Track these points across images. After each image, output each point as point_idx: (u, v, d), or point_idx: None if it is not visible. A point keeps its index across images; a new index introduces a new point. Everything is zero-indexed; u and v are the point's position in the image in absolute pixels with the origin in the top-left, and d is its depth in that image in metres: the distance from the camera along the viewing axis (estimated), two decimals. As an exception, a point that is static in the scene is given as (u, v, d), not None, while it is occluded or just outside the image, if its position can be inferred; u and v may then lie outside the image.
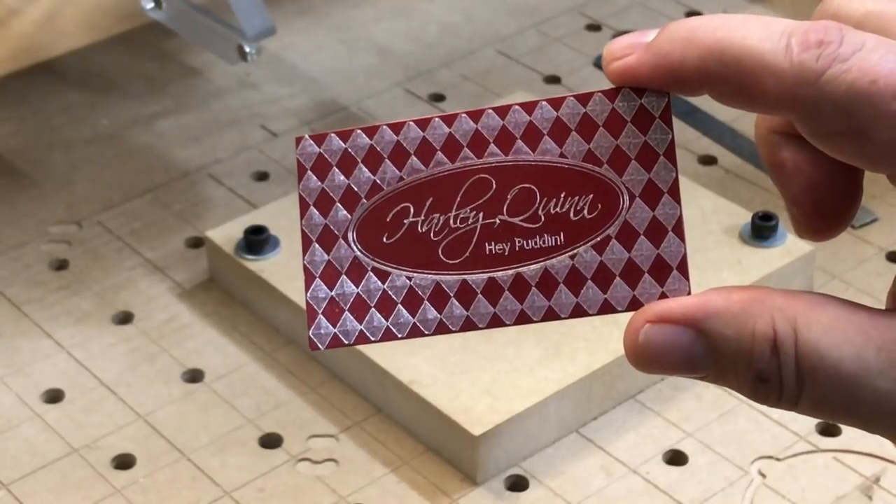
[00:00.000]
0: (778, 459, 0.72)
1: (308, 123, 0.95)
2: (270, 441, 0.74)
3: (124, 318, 0.81)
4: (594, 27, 1.05)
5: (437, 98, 0.98)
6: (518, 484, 0.71)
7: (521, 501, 0.70)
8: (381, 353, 0.74)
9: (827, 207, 0.40)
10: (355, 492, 0.71)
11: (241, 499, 0.70)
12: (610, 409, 0.74)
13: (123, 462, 0.72)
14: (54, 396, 0.76)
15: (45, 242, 0.87)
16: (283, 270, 0.79)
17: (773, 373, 0.36)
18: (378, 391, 0.74)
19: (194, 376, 0.77)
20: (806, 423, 0.73)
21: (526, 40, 1.04)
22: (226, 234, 0.81)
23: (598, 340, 0.74)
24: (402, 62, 1.02)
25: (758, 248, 0.79)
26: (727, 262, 0.78)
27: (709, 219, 0.81)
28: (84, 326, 0.80)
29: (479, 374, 0.72)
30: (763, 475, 0.71)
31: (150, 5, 0.94)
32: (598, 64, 1.01)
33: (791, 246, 0.80)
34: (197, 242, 0.86)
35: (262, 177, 0.91)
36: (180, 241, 0.86)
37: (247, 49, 0.88)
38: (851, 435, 0.72)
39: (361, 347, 0.74)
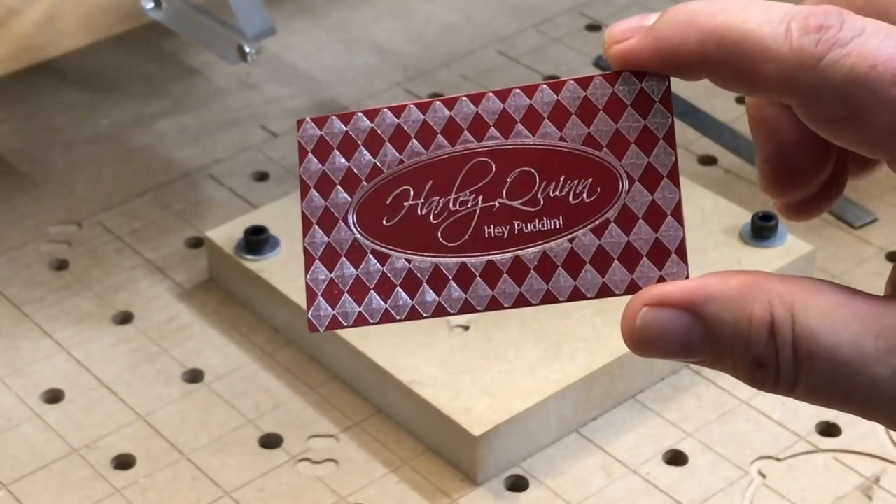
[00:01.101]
0: (778, 459, 0.72)
1: (308, 123, 0.95)
2: (270, 441, 0.74)
3: (124, 318, 0.81)
4: (594, 27, 1.05)
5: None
6: (518, 484, 0.71)
7: (521, 501, 0.70)
8: (381, 353, 0.74)
9: (796, 171, 0.40)
10: (355, 492, 0.71)
11: (241, 499, 0.70)
12: (610, 409, 0.74)
13: (123, 462, 0.72)
14: (54, 396, 0.76)
15: (45, 242, 0.87)
16: (283, 270, 0.79)
17: (770, 358, 0.36)
18: (378, 391, 0.74)
19: (194, 376, 0.77)
20: (806, 423, 0.73)
21: (526, 40, 1.04)
22: (226, 234, 0.81)
23: (598, 340, 0.74)
24: (402, 62, 1.02)
25: (758, 248, 0.79)
26: (727, 262, 0.78)
27: (709, 219, 0.81)
28: (84, 326, 0.80)
29: (479, 374, 0.72)
30: (763, 475, 0.71)
31: (150, 5, 0.94)
32: (598, 64, 1.01)
33: (791, 246, 0.80)
34: (197, 242, 0.86)
35: (262, 177, 0.91)
36: (180, 241, 0.86)
37: (247, 49, 0.88)
38: (851, 435, 0.73)
39: (362, 347, 0.74)
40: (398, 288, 0.41)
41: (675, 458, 0.72)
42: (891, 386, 0.36)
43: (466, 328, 0.75)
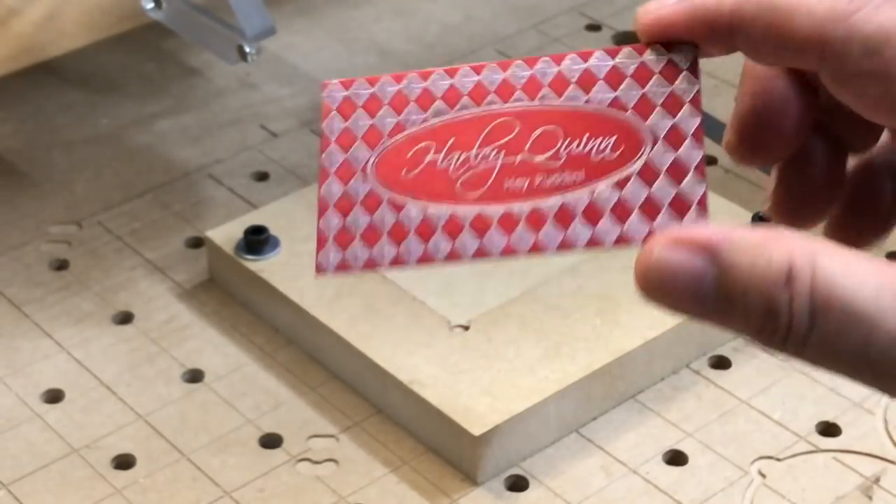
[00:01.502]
0: (778, 459, 0.72)
1: (308, 124, 0.95)
2: (270, 441, 0.74)
3: (124, 318, 0.81)
4: (594, 27, 1.05)
5: (437, 98, 0.98)
6: (518, 484, 0.71)
7: (521, 501, 0.70)
8: (381, 353, 0.74)
9: (766, 137, 0.41)
10: (355, 492, 0.71)
11: (241, 499, 0.70)
12: (610, 409, 0.74)
13: (123, 462, 0.72)
14: (54, 396, 0.76)
15: (45, 242, 0.87)
16: (283, 270, 0.79)
17: (784, 305, 0.35)
18: (378, 391, 0.74)
19: (194, 376, 0.77)
20: (806, 423, 0.73)
21: (526, 40, 1.04)
22: (226, 234, 0.81)
23: (598, 340, 0.74)
24: (402, 62, 1.02)
25: (758, 248, 0.79)
26: (727, 262, 0.78)
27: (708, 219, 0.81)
28: (84, 326, 0.80)
29: (479, 374, 0.72)
30: (763, 475, 0.71)
31: (150, 5, 0.94)
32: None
33: (791, 246, 0.79)
34: (197, 242, 0.86)
35: (262, 177, 0.91)
36: (180, 241, 0.86)
37: (247, 49, 0.88)
38: (851, 435, 0.73)
39: (362, 347, 0.74)
40: (412, 234, 0.40)
41: (675, 458, 0.72)
42: None
43: (466, 328, 0.75)
